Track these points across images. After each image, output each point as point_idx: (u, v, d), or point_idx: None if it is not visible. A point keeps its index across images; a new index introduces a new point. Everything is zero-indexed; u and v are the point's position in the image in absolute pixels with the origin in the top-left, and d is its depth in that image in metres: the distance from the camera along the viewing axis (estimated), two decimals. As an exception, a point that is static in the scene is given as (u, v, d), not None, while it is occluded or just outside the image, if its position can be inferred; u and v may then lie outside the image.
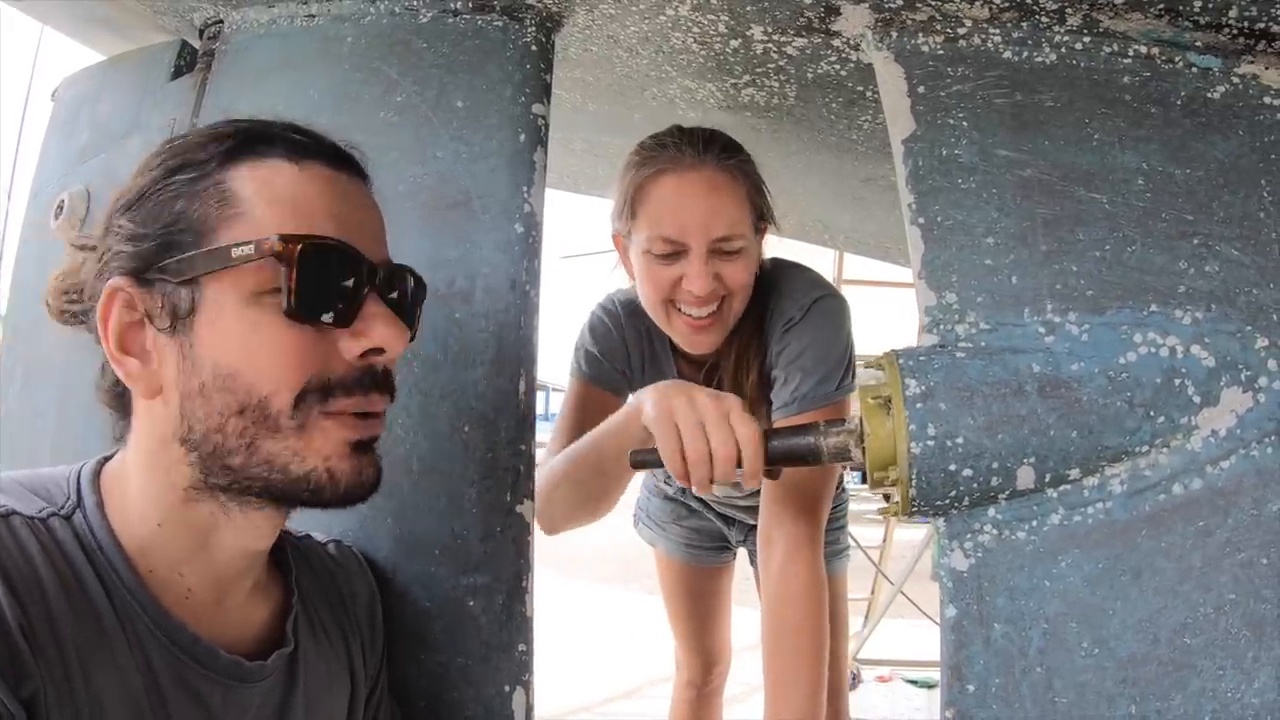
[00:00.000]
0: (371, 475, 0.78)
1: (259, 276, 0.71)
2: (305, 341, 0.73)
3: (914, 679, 4.30)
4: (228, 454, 0.72)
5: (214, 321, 0.71)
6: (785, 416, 1.35)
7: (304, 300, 0.71)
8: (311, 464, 0.73)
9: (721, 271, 1.30)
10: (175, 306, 0.71)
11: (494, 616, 0.96)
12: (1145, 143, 0.91)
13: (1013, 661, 0.82)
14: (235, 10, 1.22)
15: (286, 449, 0.72)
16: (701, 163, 1.30)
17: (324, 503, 0.75)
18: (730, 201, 1.30)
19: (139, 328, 0.73)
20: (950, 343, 0.87)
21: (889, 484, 0.85)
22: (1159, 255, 0.88)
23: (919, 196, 0.91)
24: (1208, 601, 0.80)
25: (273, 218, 0.72)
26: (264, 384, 0.71)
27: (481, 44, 1.11)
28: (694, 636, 2.13)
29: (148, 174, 0.75)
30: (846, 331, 1.41)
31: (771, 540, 1.33)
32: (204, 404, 0.71)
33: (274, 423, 0.71)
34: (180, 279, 0.71)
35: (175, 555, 0.74)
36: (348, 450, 0.75)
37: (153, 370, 0.73)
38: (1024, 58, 0.96)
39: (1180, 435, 0.83)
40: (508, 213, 1.04)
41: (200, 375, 0.71)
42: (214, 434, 0.71)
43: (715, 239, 1.28)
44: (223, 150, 0.74)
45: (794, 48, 1.15)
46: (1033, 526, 0.84)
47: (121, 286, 0.72)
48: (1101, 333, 0.85)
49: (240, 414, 0.71)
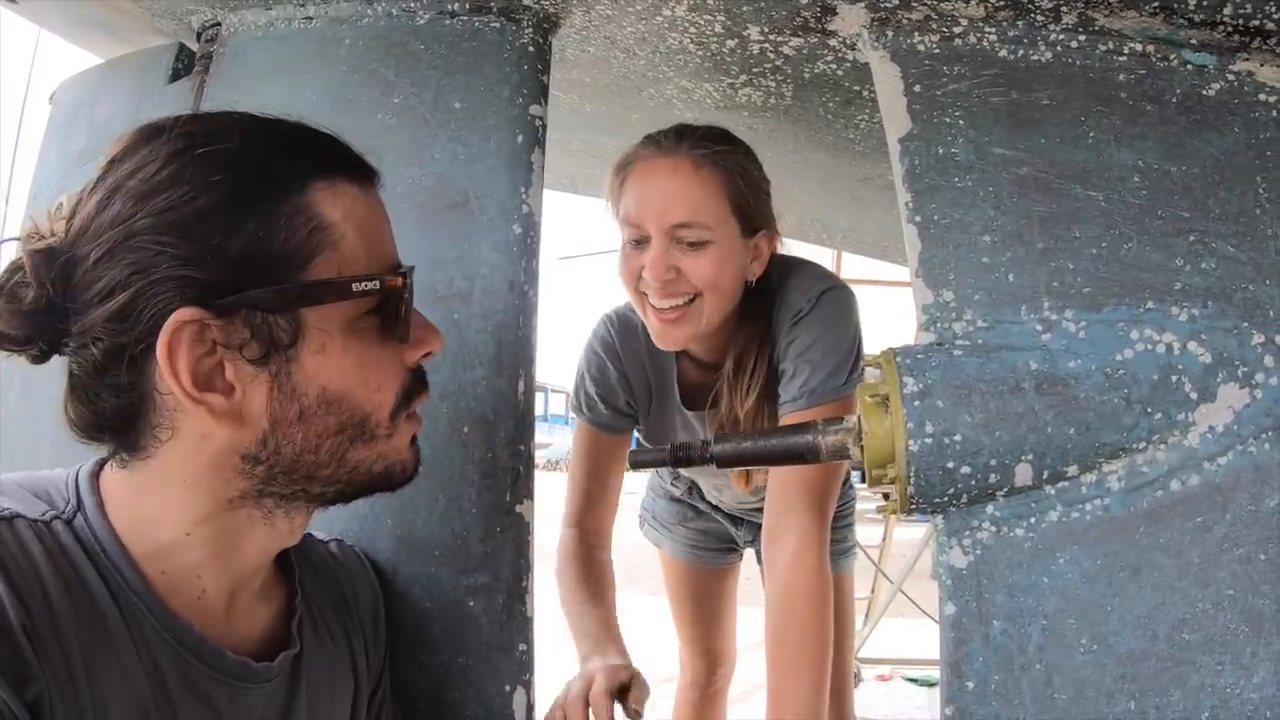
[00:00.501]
0: (419, 457, 0.84)
1: (359, 304, 0.74)
2: (397, 361, 0.78)
3: (914, 677, 4.29)
4: (317, 468, 0.74)
5: (320, 350, 0.72)
6: (794, 412, 1.34)
7: (406, 326, 0.78)
8: (390, 460, 0.79)
9: (682, 264, 1.28)
10: (273, 337, 0.70)
11: (494, 616, 0.96)
12: (1141, 140, 0.91)
13: (1012, 658, 0.82)
14: (233, 13, 1.22)
15: (373, 454, 0.77)
16: (673, 150, 1.30)
17: (391, 488, 0.81)
18: (692, 188, 1.28)
19: (210, 359, 0.68)
20: (948, 341, 0.87)
21: (887, 482, 0.85)
22: (1155, 252, 0.88)
23: (916, 195, 0.91)
24: (1206, 597, 0.80)
25: (361, 248, 0.74)
26: (369, 403, 0.75)
27: (479, 45, 1.11)
28: (699, 638, 2.13)
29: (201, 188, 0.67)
30: (855, 323, 1.39)
31: (777, 536, 1.33)
32: (302, 428, 0.72)
33: (370, 434, 0.76)
34: (275, 309, 0.69)
35: (198, 559, 0.74)
36: (411, 443, 0.82)
37: (236, 403, 0.70)
38: (1020, 56, 0.96)
39: (1178, 432, 0.83)
40: (506, 213, 1.04)
41: (300, 402, 0.72)
42: (308, 454, 0.73)
43: (672, 225, 1.27)
44: (302, 170, 0.72)
45: (790, 47, 1.15)
46: (1031, 524, 0.83)
47: (195, 318, 0.66)
48: (1098, 330, 0.85)
49: (339, 433, 0.74)
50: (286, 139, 0.75)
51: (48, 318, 0.69)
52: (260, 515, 0.75)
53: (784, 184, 1.81)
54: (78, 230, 0.69)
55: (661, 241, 1.27)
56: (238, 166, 0.69)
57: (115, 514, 0.72)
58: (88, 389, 0.71)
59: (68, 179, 1.34)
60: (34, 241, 0.69)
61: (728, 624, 2.16)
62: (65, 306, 0.68)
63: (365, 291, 0.73)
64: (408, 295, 0.77)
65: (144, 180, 0.68)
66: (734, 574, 2.15)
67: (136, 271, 0.66)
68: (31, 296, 0.68)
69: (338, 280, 0.72)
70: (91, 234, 0.68)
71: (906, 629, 4.60)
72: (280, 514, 0.76)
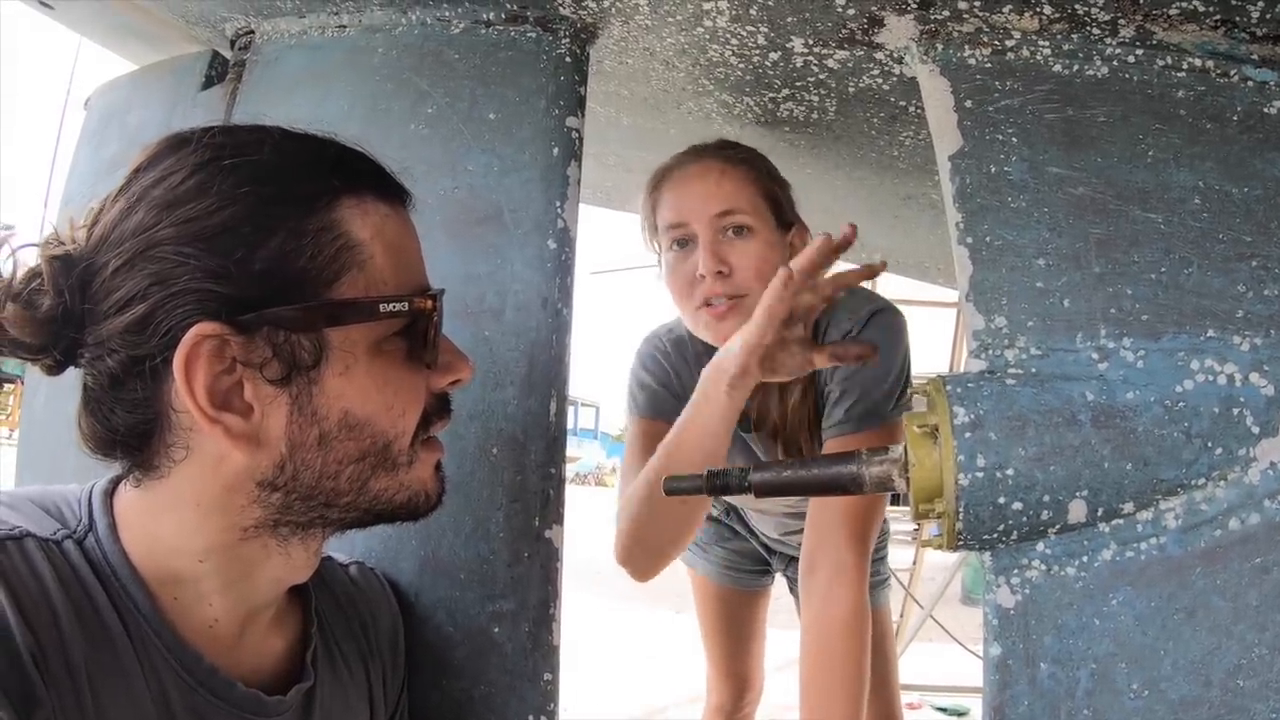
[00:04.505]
0: (444, 485, 0.82)
1: (386, 325, 0.72)
2: (420, 385, 0.76)
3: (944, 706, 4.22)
4: (337, 495, 0.72)
5: (344, 372, 0.69)
6: (839, 436, 1.32)
7: (434, 350, 0.76)
8: (413, 490, 0.77)
9: (730, 255, 1.29)
10: (295, 357, 0.67)
11: (519, 644, 0.94)
12: (1201, 160, 0.88)
13: (1059, 703, 0.78)
14: (267, 21, 1.22)
15: (395, 482, 0.75)
16: (702, 155, 1.35)
17: (414, 518, 0.79)
18: (729, 181, 1.31)
19: (228, 377, 0.66)
20: (999, 369, 0.83)
21: (935, 516, 0.81)
22: (1216, 278, 0.84)
23: (967, 215, 0.88)
24: (1263, 642, 0.76)
25: (390, 268, 0.72)
26: (390, 430, 0.73)
27: (514, 55, 1.09)
28: (728, 660, 2.09)
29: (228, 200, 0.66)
30: (904, 347, 1.37)
31: (815, 566, 1.30)
32: (321, 454, 0.70)
33: (392, 462, 0.74)
34: (298, 328, 0.67)
35: (210, 587, 0.72)
36: (434, 470, 0.80)
37: (254, 424, 0.68)
38: (1075, 71, 0.92)
39: (1238, 468, 0.79)
40: (540, 228, 1.02)
41: (321, 425, 0.69)
42: (327, 480, 0.71)
43: (715, 214, 1.29)
44: (332, 186, 0.70)
45: (835, 60, 1.12)
46: (1083, 562, 0.80)
47: (215, 333, 0.64)
48: (1157, 359, 0.82)
49: (360, 460, 0.72)
50: (317, 154, 0.73)
51: (63, 327, 0.66)
52: (275, 545, 0.73)
53: (824, 202, 1.79)
54: (98, 238, 0.67)
55: (708, 233, 1.30)
56: (265, 180, 0.67)
57: (128, 535, 0.70)
58: (102, 403, 0.68)
59: (99, 185, 1.34)
60: (53, 248, 0.67)
61: (757, 648, 2.12)
62: (82, 316, 0.66)
63: (393, 313, 0.71)
64: (437, 319, 0.75)
65: (168, 190, 0.66)
66: (765, 598, 2.12)
67: (156, 282, 0.64)
68: (48, 304, 0.66)
69: (365, 300, 0.70)
70: (112, 243, 0.66)
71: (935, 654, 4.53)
72: (296, 543, 0.74)
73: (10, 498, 0.70)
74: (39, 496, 0.72)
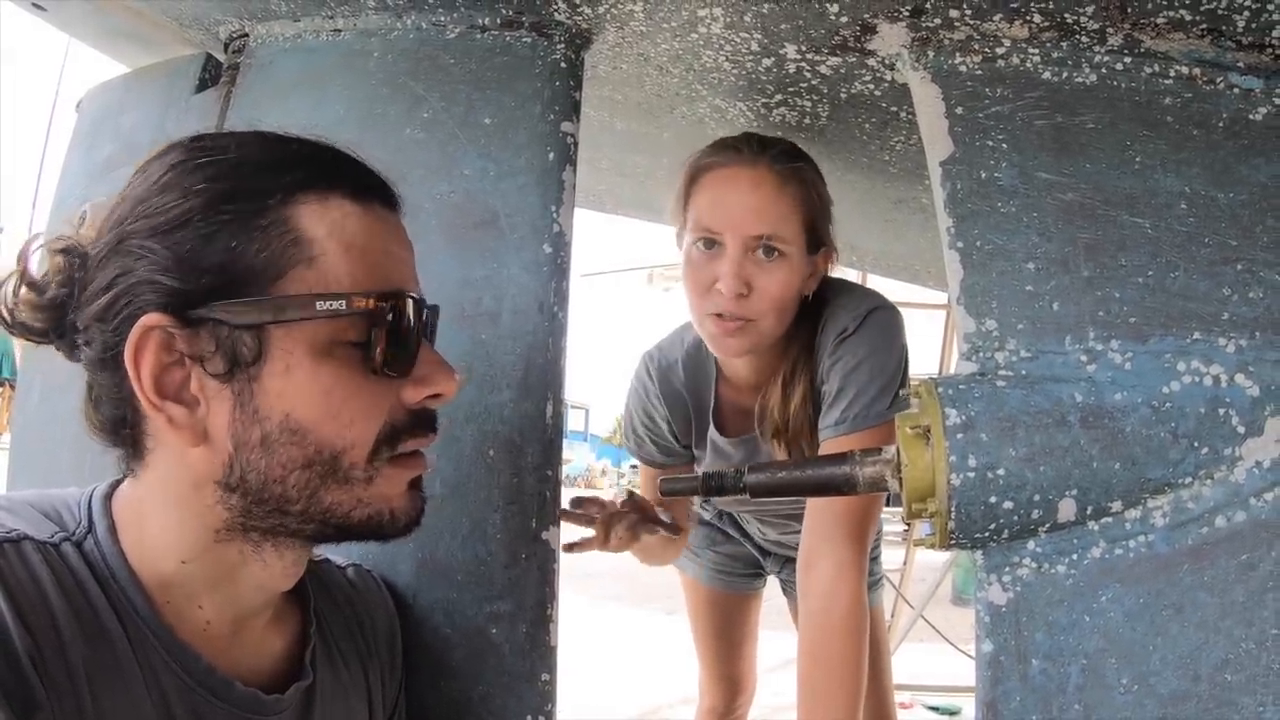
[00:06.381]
0: (422, 507, 0.78)
1: (334, 327, 0.69)
2: (380, 397, 0.72)
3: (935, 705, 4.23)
4: (286, 503, 0.70)
5: (285, 373, 0.68)
6: (836, 437, 1.32)
7: (388, 357, 0.71)
8: (375, 508, 0.73)
9: (755, 278, 1.27)
10: (235, 353, 0.67)
11: (517, 645, 0.94)
12: (1188, 166, 0.89)
13: (1050, 698, 0.79)
14: (261, 24, 1.22)
15: (349, 498, 0.71)
16: (756, 160, 1.29)
17: (381, 538, 0.75)
18: (774, 202, 1.27)
19: (179, 369, 0.67)
20: (990, 371, 0.84)
21: (927, 515, 0.82)
22: (1202, 281, 0.85)
23: (958, 220, 0.89)
24: (1250, 637, 0.77)
25: (346, 267, 0.70)
26: (338, 441, 0.69)
27: (510, 60, 1.10)
28: (720, 663, 2.09)
29: (185, 195, 0.68)
30: (901, 344, 1.37)
31: (812, 564, 1.30)
32: (265, 456, 0.68)
33: (344, 475, 0.70)
34: (240, 323, 0.67)
35: (196, 589, 0.72)
36: (406, 490, 0.76)
37: (199, 417, 0.68)
38: (1064, 78, 0.94)
39: (1224, 467, 0.81)
40: (537, 232, 1.03)
41: (263, 427, 0.68)
42: (274, 484, 0.69)
43: (751, 236, 1.26)
44: (287, 183, 0.70)
45: (828, 67, 1.13)
46: (1073, 560, 0.81)
47: (160, 324, 0.66)
48: (1144, 361, 0.83)
49: (306, 467, 0.69)
50: (282, 152, 0.73)
51: (62, 313, 0.71)
52: (250, 550, 0.72)
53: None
54: (96, 232, 0.71)
55: (737, 252, 1.27)
56: (222, 177, 0.69)
57: (126, 537, 0.71)
58: (92, 390, 0.72)
59: (92, 187, 1.34)
60: (58, 241, 0.71)
61: (749, 651, 2.12)
62: (77, 304, 0.70)
63: (332, 312, 0.68)
64: (405, 324, 0.72)
65: (145, 187, 0.69)
66: (758, 601, 2.11)
67: (121, 274, 0.67)
68: (51, 292, 0.70)
69: (302, 297, 0.68)
70: (99, 236, 0.70)
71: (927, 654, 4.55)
72: (270, 550, 0.73)
73: (8, 501, 0.70)
74: (37, 500, 0.72)
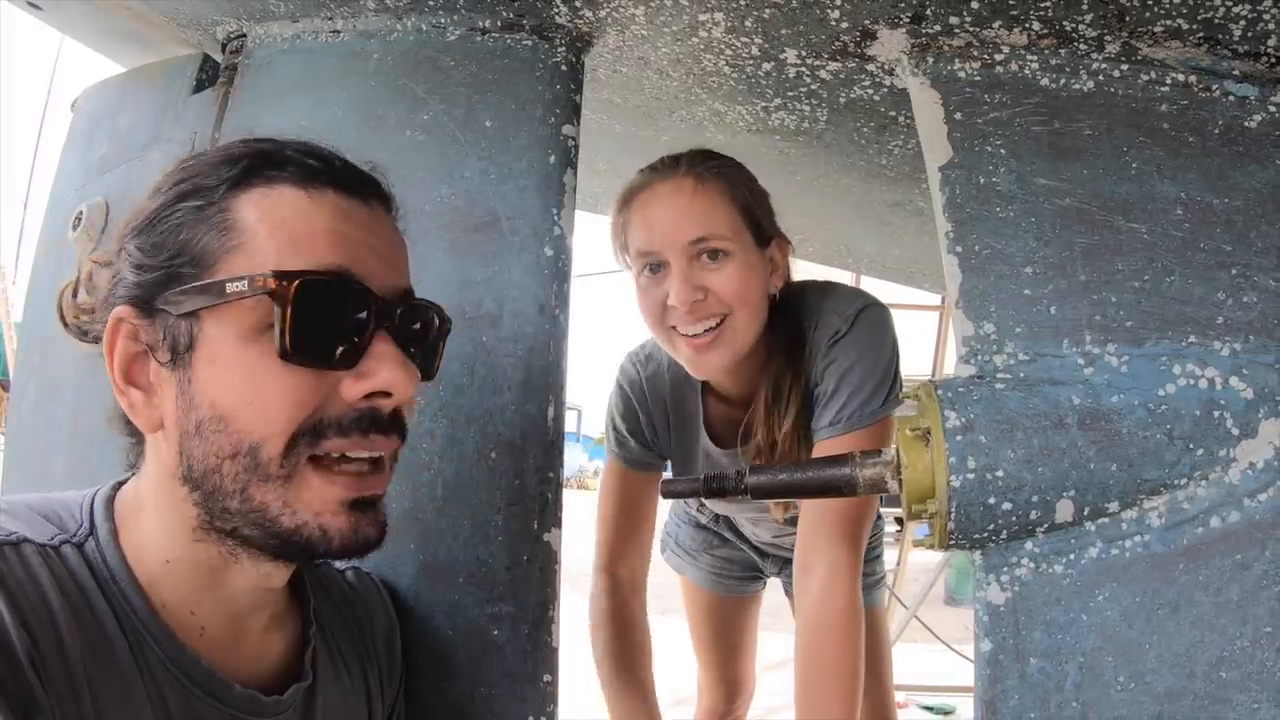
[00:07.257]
0: (372, 533, 0.73)
1: (257, 313, 0.68)
2: (303, 385, 0.68)
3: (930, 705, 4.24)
4: (225, 497, 0.69)
5: (211, 359, 0.68)
6: (831, 438, 1.32)
7: (300, 341, 0.67)
8: (302, 518, 0.70)
9: (707, 281, 1.25)
10: (175, 341, 0.69)
11: (519, 646, 0.94)
12: (1183, 172, 0.90)
13: (1048, 696, 0.80)
14: (259, 25, 1.21)
15: (276, 499, 0.69)
16: (672, 172, 1.29)
17: (317, 557, 0.72)
18: (703, 203, 1.26)
19: (143, 359, 0.71)
20: (988, 374, 0.85)
21: (927, 516, 0.83)
22: (1197, 286, 0.86)
23: (957, 225, 0.90)
24: (1244, 635, 0.79)
25: (272, 250, 0.69)
26: (255, 429, 0.68)
27: (510, 63, 1.10)
28: (719, 666, 2.09)
29: (159, 197, 0.72)
30: (892, 342, 1.36)
31: (808, 566, 1.31)
32: (200, 444, 0.69)
33: (264, 470, 0.68)
34: (180, 312, 0.69)
35: (186, 593, 0.72)
36: (341, 507, 0.71)
37: (154, 404, 0.71)
38: (1061, 85, 0.94)
39: (1219, 468, 0.82)
40: (537, 235, 1.03)
41: (197, 414, 0.68)
42: (211, 475, 0.69)
43: (689, 242, 1.25)
44: (231, 175, 0.71)
45: (828, 71, 1.14)
46: (1070, 560, 0.82)
47: (126, 317, 0.70)
48: (1140, 364, 0.84)
49: (233, 458, 0.68)
50: (245, 149, 0.74)
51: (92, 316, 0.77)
52: (225, 553, 0.72)
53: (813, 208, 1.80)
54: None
55: (681, 262, 1.25)
56: (186, 176, 0.73)
57: (126, 538, 0.72)
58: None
59: (88, 187, 1.34)
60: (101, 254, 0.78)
61: (748, 653, 2.13)
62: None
63: (240, 294, 0.66)
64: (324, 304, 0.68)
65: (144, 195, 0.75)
66: (757, 603, 2.11)
67: (115, 274, 0.73)
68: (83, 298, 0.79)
69: (217, 282, 0.68)
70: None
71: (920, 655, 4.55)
72: (244, 555, 0.72)
73: (8, 504, 0.70)
74: (38, 503, 0.72)
